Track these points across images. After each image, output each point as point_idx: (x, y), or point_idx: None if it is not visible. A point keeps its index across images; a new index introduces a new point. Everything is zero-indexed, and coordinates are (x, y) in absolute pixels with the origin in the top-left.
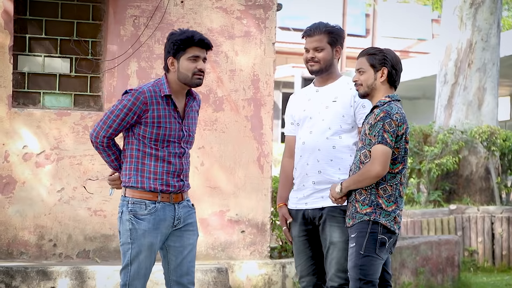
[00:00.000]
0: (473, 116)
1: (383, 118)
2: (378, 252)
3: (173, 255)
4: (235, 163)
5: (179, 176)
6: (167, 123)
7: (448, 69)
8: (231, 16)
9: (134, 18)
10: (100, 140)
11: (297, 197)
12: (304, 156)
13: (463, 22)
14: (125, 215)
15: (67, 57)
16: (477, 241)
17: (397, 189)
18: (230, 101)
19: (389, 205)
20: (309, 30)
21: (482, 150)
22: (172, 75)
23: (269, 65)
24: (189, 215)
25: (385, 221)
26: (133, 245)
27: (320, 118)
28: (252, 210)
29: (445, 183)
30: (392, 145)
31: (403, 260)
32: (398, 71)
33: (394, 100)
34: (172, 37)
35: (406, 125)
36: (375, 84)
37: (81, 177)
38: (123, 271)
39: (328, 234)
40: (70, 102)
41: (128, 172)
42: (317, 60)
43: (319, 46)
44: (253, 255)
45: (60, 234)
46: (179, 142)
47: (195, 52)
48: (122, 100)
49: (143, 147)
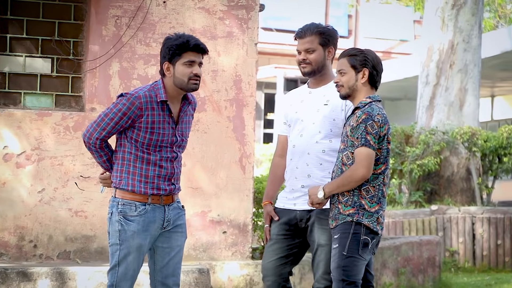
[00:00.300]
0: (454, 117)
1: (365, 120)
2: (361, 252)
3: (160, 256)
4: (217, 163)
5: (170, 180)
6: (161, 128)
7: (430, 70)
8: (214, 16)
9: (116, 18)
10: (93, 141)
11: (287, 197)
12: (294, 159)
13: (445, 23)
14: (115, 216)
15: (48, 57)
16: (458, 242)
17: (379, 190)
18: (212, 102)
19: (372, 206)
20: (301, 31)
21: (463, 151)
22: (168, 80)
23: (251, 66)
24: (179, 217)
25: (368, 221)
26: (122, 246)
27: (310, 122)
28: (234, 211)
29: (427, 183)
30: (375, 147)
31: (384, 261)
32: (379, 71)
33: (375, 100)
34: (167, 42)
35: (387, 125)
36: (356, 85)
37: (62, 178)
38: (111, 272)
39: (316, 237)
40: (51, 103)
41: (119, 174)
42: (308, 62)
43: (311, 47)
44: (235, 256)
45: (40, 235)
46: (171, 147)
47: (191, 57)
48: (117, 104)
49: (135, 150)
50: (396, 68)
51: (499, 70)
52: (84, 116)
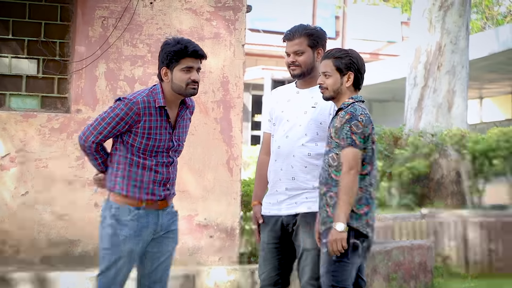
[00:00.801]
0: (443, 119)
1: (349, 120)
2: (350, 257)
3: (149, 261)
4: (204, 166)
5: (166, 185)
6: (158, 134)
7: (417, 71)
8: (201, 17)
9: (103, 19)
10: (88, 144)
11: (270, 202)
12: (278, 160)
13: (432, 25)
14: (108, 220)
15: (34, 58)
16: (450, 246)
17: (367, 191)
18: (199, 103)
19: (360, 208)
20: (289, 33)
21: (452, 153)
22: (166, 85)
23: (238, 67)
24: (172, 222)
25: (356, 224)
26: (113, 251)
27: (297, 123)
28: (221, 215)
29: (416, 186)
30: (361, 147)
31: (375, 266)
32: (363, 73)
33: (357, 101)
34: (165, 47)
35: (371, 125)
36: (341, 88)
37: (46, 181)
38: (100, 276)
39: (301, 241)
40: (37, 104)
41: (113, 177)
42: (298, 64)
43: (299, 49)
44: (222, 260)
45: (23, 239)
46: (167, 152)
47: (189, 63)
48: (115, 108)
49: (131, 155)
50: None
51: (487, 72)
52: (70, 117)
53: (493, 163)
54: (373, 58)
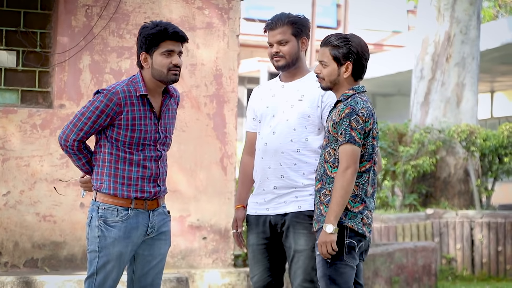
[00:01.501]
0: (451, 114)
1: (349, 115)
2: (346, 258)
3: (140, 264)
4: (196, 164)
5: (155, 181)
6: (142, 125)
7: (424, 63)
8: (192, 6)
9: (87, 7)
10: (70, 143)
11: (257, 202)
12: (265, 158)
13: (440, 13)
14: (95, 221)
15: (13, 49)
16: (456, 248)
17: (363, 189)
18: (190, 98)
19: (355, 206)
20: (271, 22)
21: (461, 151)
22: (146, 72)
23: (233, 59)
24: (164, 224)
25: (351, 223)
26: (101, 254)
27: (284, 118)
28: (214, 215)
29: (422, 185)
30: (360, 143)
31: (376, 269)
32: (364, 62)
33: (358, 92)
34: (143, 31)
35: (373, 119)
36: (339, 79)
37: (28, 180)
38: (88, 281)
39: (292, 242)
40: (16, 99)
41: (99, 177)
42: (282, 55)
43: (283, 39)
44: (216, 263)
45: (5, 242)
46: (155, 145)
47: (169, 46)
48: (94, 101)
49: (116, 151)
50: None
51: (499, 64)
52: (53, 113)
53: (504, 161)
54: (377, 49)
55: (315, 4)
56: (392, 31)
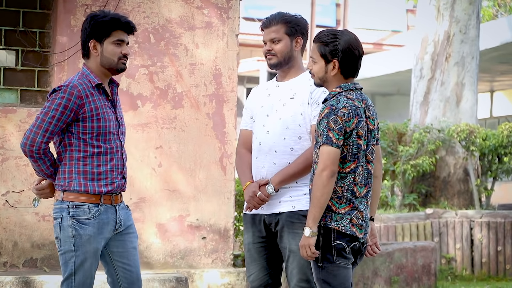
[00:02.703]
0: (451, 114)
1: (327, 115)
2: (337, 260)
3: (119, 262)
4: (196, 164)
5: (121, 172)
6: (105, 113)
7: (424, 63)
8: (191, 5)
9: (86, 7)
10: (36, 147)
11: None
12: (260, 157)
13: (440, 13)
14: (66, 221)
15: (12, 49)
16: (455, 248)
17: (349, 190)
18: (190, 97)
19: (341, 207)
20: (266, 21)
21: (460, 150)
22: (93, 61)
23: (232, 59)
24: (127, 217)
25: (337, 224)
26: (77, 253)
27: (277, 117)
28: (214, 215)
29: (421, 185)
30: (338, 144)
31: (376, 268)
32: (354, 60)
33: (346, 90)
34: (94, 18)
35: (357, 118)
36: (326, 77)
37: (28, 180)
38: (66, 283)
39: (287, 242)
40: (16, 98)
41: (67, 175)
42: (274, 53)
43: (276, 37)
44: (215, 263)
45: (5, 241)
46: (117, 134)
47: (120, 35)
48: (54, 99)
49: (84, 147)
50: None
51: (499, 63)
52: None
53: (503, 161)
54: (376, 49)
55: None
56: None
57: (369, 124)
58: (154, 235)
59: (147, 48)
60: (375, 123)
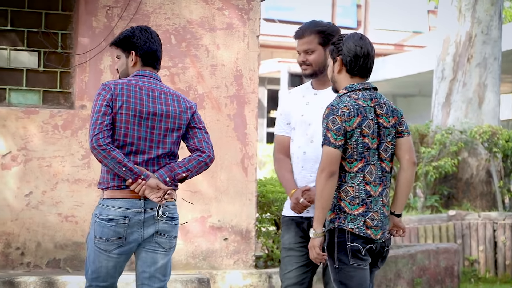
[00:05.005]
0: (473, 115)
1: (327, 116)
2: (352, 262)
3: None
4: (217, 165)
5: None
6: None
7: (446, 64)
8: (212, 6)
9: (107, 8)
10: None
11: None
12: (306, 167)
13: (462, 14)
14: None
15: (34, 50)
16: (478, 250)
17: (361, 190)
18: (211, 99)
19: (354, 208)
20: (299, 31)
21: (483, 152)
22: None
23: (253, 60)
24: None
25: (351, 226)
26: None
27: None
28: (235, 216)
29: (443, 187)
30: (337, 144)
31: (398, 270)
32: (356, 58)
33: (352, 90)
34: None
35: (360, 117)
36: (334, 77)
37: (50, 180)
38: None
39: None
40: (38, 99)
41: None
42: (309, 63)
43: (309, 48)
44: (237, 264)
45: (28, 242)
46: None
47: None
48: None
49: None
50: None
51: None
52: (74, 113)
53: None
54: (397, 50)
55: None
56: (413, 31)
57: (382, 122)
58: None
59: (168, 49)
60: (390, 120)
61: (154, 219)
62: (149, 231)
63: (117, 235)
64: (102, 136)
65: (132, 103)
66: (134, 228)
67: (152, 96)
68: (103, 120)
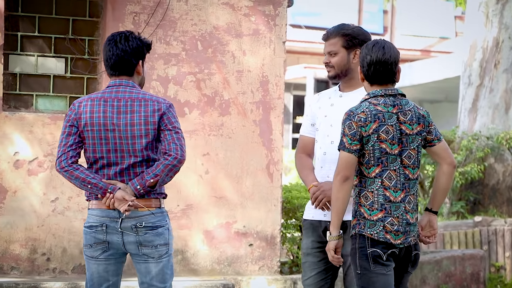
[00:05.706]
0: (499, 121)
1: (344, 121)
2: (373, 268)
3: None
4: (243, 171)
5: None
6: None
7: (472, 69)
8: (239, 12)
9: (134, 14)
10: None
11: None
12: (324, 167)
13: (489, 19)
14: (170, 225)
15: (62, 56)
16: (504, 256)
17: (380, 195)
18: (237, 104)
19: (373, 214)
20: (326, 33)
21: (509, 158)
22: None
23: (279, 66)
24: None
25: (370, 232)
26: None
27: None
28: (260, 222)
29: (469, 193)
30: (352, 149)
31: (424, 276)
32: (369, 66)
33: (373, 97)
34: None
35: (377, 123)
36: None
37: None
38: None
39: (347, 249)
40: (65, 105)
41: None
42: (332, 65)
43: (333, 50)
44: (262, 270)
45: (54, 248)
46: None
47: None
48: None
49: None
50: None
51: None
52: None
53: None
54: (424, 55)
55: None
56: (440, 37)
57: (405, 129)
58: (201, 242)
59: (194, 55)
60: (415, 127)
61: (133, 229)
62: (129, 239)
63: (98, 240)
64: (64, 158)
65: (96, 117)
66: (113, 233)
67: (117, 106)
68: (67, 141)
